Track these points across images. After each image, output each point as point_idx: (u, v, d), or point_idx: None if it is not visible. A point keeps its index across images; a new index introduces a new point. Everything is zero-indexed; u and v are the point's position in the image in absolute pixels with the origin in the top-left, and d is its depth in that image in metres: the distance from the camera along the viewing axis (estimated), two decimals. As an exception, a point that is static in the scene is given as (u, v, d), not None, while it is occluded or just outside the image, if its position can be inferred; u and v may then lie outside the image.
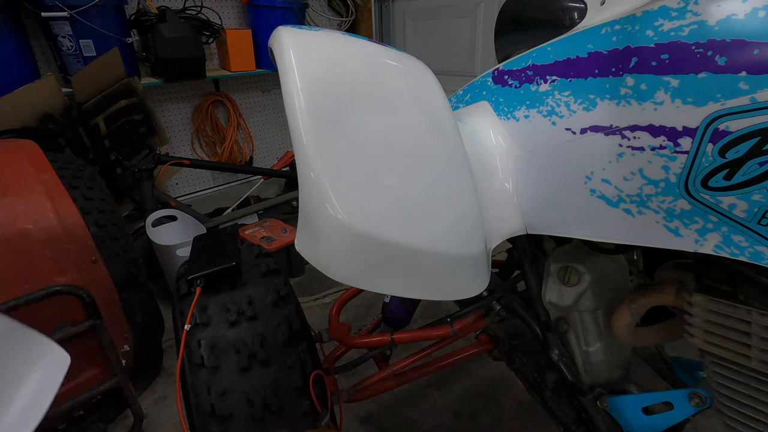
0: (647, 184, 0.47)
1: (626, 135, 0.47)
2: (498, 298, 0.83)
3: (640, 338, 0.68)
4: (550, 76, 0.56)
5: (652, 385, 0.80)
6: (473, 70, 2.24)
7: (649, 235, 0.49)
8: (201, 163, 2.05)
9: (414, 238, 0.47)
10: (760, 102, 0.37)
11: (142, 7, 1.98)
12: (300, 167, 0.46)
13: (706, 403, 0.61)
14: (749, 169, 0.39)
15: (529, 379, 0.86)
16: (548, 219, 0.60)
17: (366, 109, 0.51)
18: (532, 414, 1.26)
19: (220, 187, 2.59)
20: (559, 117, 0.55)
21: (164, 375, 1.42)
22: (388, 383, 0.90)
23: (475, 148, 0.64)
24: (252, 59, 2.30)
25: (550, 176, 0.59)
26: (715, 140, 0.40)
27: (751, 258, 0.43)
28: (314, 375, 0.73)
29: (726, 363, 0.54)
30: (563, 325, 0.77)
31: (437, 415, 1.27)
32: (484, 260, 0.56)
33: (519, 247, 0.78)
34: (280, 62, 0.50)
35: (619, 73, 0.47)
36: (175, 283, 0.82)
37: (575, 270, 0.73)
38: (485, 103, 0.70)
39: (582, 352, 0.77)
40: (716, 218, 0.44)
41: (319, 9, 2.64)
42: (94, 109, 1.75)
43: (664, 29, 0.42)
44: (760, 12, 0.37)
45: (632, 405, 0.69)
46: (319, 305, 1.77)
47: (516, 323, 0.83)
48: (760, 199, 0.40)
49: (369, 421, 1.26)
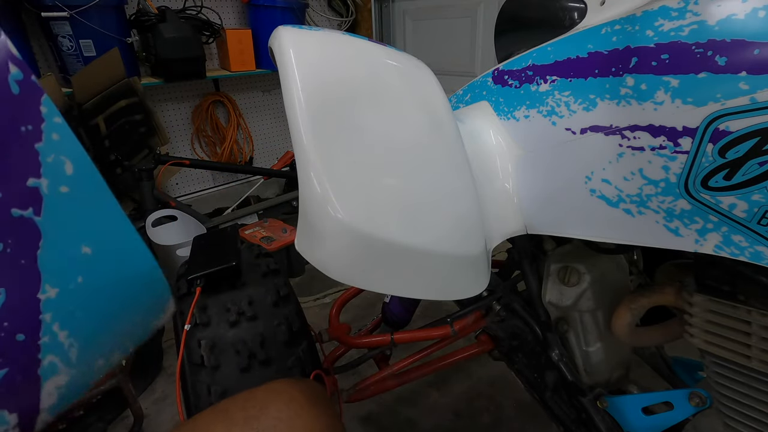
0: (647, 184, 0.47)
1: (626, 135, 0.47)
2: (498, 298, 0.82)
3: (640, 338, 0.68)
4: (550, 76, 0.56)
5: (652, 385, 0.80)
6: (473, 70, 2.23)
7: (649, 235, 0.49)
8: (201, 163, 2.05)
9: (414, 238, 0.47)
10: (760, 102, 0.37)
11: (142, 7, 1.98)
12: (300, 167, 0.46)
13: (706, 403, 0.61)
14: (749, 169, 0.39)
15: (529, 379, 0.86)
16: (548, 219, 0.60)
17: (366, 109, 0.51)
18: (532, 414, 1.26)
19: (220, 187, 2.59)
20: (559, 117, 0.55)
21: (164, 375, 1.42)
22: (388, 383, 0.90)
23: (475, 148, 0.64)
24: (252, 59, 2.29)
25: (550, 176, 0.59)
26: (715, 140, 0.40)
27: (751, 258, 0.43)
28: (314, 375, 0.73)
29: (726, 363, 0.54)
30: (563, 325, 0.77)
31: (437, 415, 1.27)
32: (484, 260, 0.56)
33: (519, 247, 0.78)
34: (280, 62, 0.50)
35: (619, 73, 0.47)
36: (175, 283, 0.82)
37: (575, 270, 0.73)
38: (485, 103, 0.70)
39: (582, 352, 0.77)
40: (716, 218, 0.44)
41: (319, 9, 2.64)
42: (94, 109, 1.75)
43: (664, 29, 0.42)
44: (760, 12, 0.37)
45: (632, 405, 0.69)
46: (319, 305, 1.77)
47: (516, 323, 0.83)
48: (760, 199, 0.40)
49: (369, 421, 1.26)
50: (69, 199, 0.22)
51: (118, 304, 0.25)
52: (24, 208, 0.21)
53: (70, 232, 0.23)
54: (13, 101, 0.21)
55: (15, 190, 0.21)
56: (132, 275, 0.25)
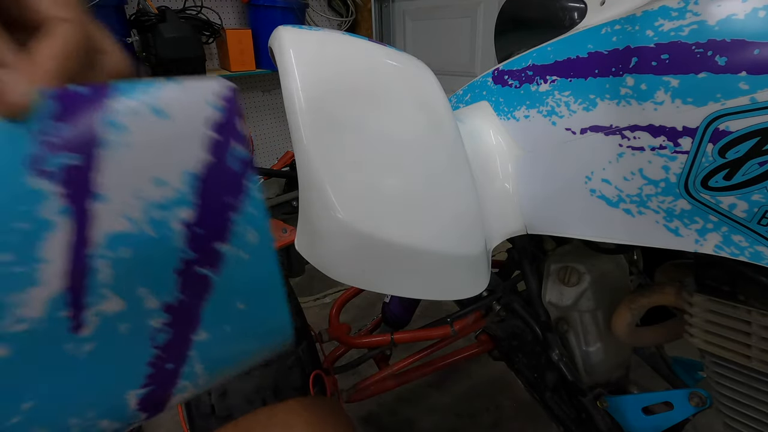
0: (647, 184, 0.47)
1: (626, 135, 0.47)
2: (498, 298, 0.82)
3: (640, 338, 0.68)
4: (550, 76, 0.56)
5: (652, 385, 0.80)
6: (473, 70, 2.23)
7: (649, 235, 0.49)
8: (201, 163, 2.05)
9: (414, 238, 0.47)
10: (760, 102, 0.37)
11: (142, 7, 1.98)
12: (300, 167, 0.46)
13: (706, 403, 0.61)
14: (749, 169, 0.39)
15: (529, 379, 0.86)
16: (548, 219, 0.60)
17: (366, 109, 0.51)
18: (532, 414, 1.26)
19: (220, 187, 2.58)
20: (559, 117, 0.55)
21: (164, 375, 1.42)
22: (388, 383, 0.90)
23: (475, 148, 0.64)
24: (252, 59, 2.29)
25: (550, 176, 0.59)
26: (715, 140, 0.40)
27: (751, 258, 0.43)
28: (314, 375, 0.73)
29: (726, 363, 0.54)
30: (563, 325, 0.77)
31: (437, 415, 1.27)
32: (484, 260, 0.56)
33: (519, 247, 0.78)
34: (280, 62, 0.50)
35: (619, 73, 0.47)
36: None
37: (575, 270, 0.73)
38: (485, 103, 0.70)
39: (582, 352, 0.77)
40: (716, 218, 0.44)
41: (319, 9, 2.64)
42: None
43: (664, 29, 0.42)
44: (760, 12, 0.37)
45: (632, 405, 0.69)
46: (319, 305, 1.77)
47: (516, 323, 0.83)
48: (760, 199, 0.40)
49: (369, 421, 1.26)
50: (245, 263, 0.25)
51: (249, 347, 0.28)
52: (208, 267, 0.24)
53: (236, 290, 0.26)
54: (228, 176, 0.24)
55: (206, 252, 0.24)
56: (269, 330, 0.28)
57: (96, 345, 0.23)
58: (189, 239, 0.23)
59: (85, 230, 0.21)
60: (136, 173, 0.22)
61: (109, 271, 0.22)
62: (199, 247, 0.24)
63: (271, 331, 0.29)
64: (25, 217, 0.20)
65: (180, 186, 0.23)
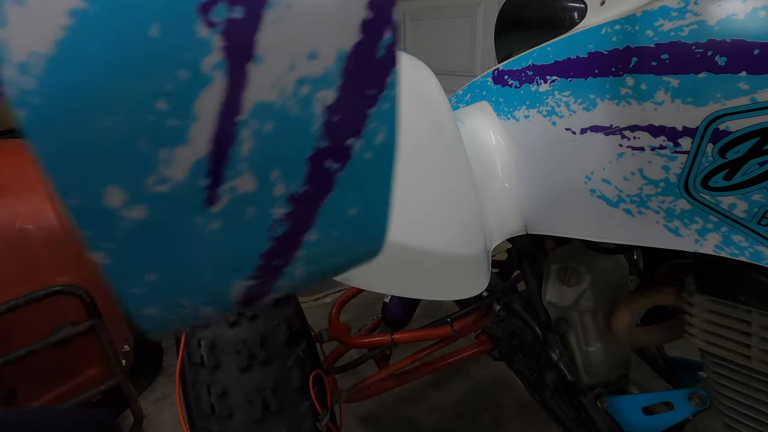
0: (647, 184, 0.47)
1: (626, 135, 0.47)
2: (498, 298, 0.83)
3: (640, 338, 0.68)
4: (550, 76, 0.56)
5: (652, 385, 0.80)
6: (473, 70, 2.23)
7: (649, 235, 0.49)
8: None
9: (414, 238, 0.47)
10: (760, 102, 0.37)
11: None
12: (300, 167, 0.46)
13: (706, 403, 0.61)
14: (749, 169, 0.39)
15: (529, 379, 0.86)
16: (548, 219, 0.60)
17: (366, 109, 0.51)
18: (532, 414, 1.26)
19: (220, 187, 2.59)
20: (559, 117, 0.55)
21: (164, 375, 1.42)
22: (388, 383, 0.90)
23: (475, 148, 0.64)
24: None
25: (551, 176, 0.59)
26: (715, 140, 0.40)
27: (751, 258, 0.43)
28: (314, 375, 0.73)
29: (726, 363, 0.54)
30: (563, 325, 0.77)
31: (437, 415, 1.27)
32: (484, 260, 0.56)
33: (519, 247, 0.78)
34: (280, 62, 0.50)
35: (619, 73, 0.47)
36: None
37: (575, 270, 0.73)
38: (485, 103, 0.70)
39: (582, 352, 0.77)
40: (716, 218, 0.44)
41: (319, 9, 2.64)
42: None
43: (664, 29, 0.42)
44: (760, 12, 0.37)
45: (632, 405, 0.69)
46: (319, 305, 1.77)
47: (516, 323, 0.83)
48: (760, 199, 0.40)
49: (369, 421, 1.26)
50: (367, 164, 0.24)
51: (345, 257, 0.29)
52: (336, 162, 0.23)
53: (353, 193, 0.25)
54: (373, 64, 0.22)
55: (337, 143, 0.23)
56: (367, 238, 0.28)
57: (221, 225, 0.22)
58: (325, 126, 0.22)
59: (237, 92, 0.20)
60: (295, 41, 0.21)
61: (250, 143, 0.21)
62: (333, 136, 0.23)
63: (369, 240, 0.28)
64: (188, 65, 0.19)
65: (331, 63, 0.22)
